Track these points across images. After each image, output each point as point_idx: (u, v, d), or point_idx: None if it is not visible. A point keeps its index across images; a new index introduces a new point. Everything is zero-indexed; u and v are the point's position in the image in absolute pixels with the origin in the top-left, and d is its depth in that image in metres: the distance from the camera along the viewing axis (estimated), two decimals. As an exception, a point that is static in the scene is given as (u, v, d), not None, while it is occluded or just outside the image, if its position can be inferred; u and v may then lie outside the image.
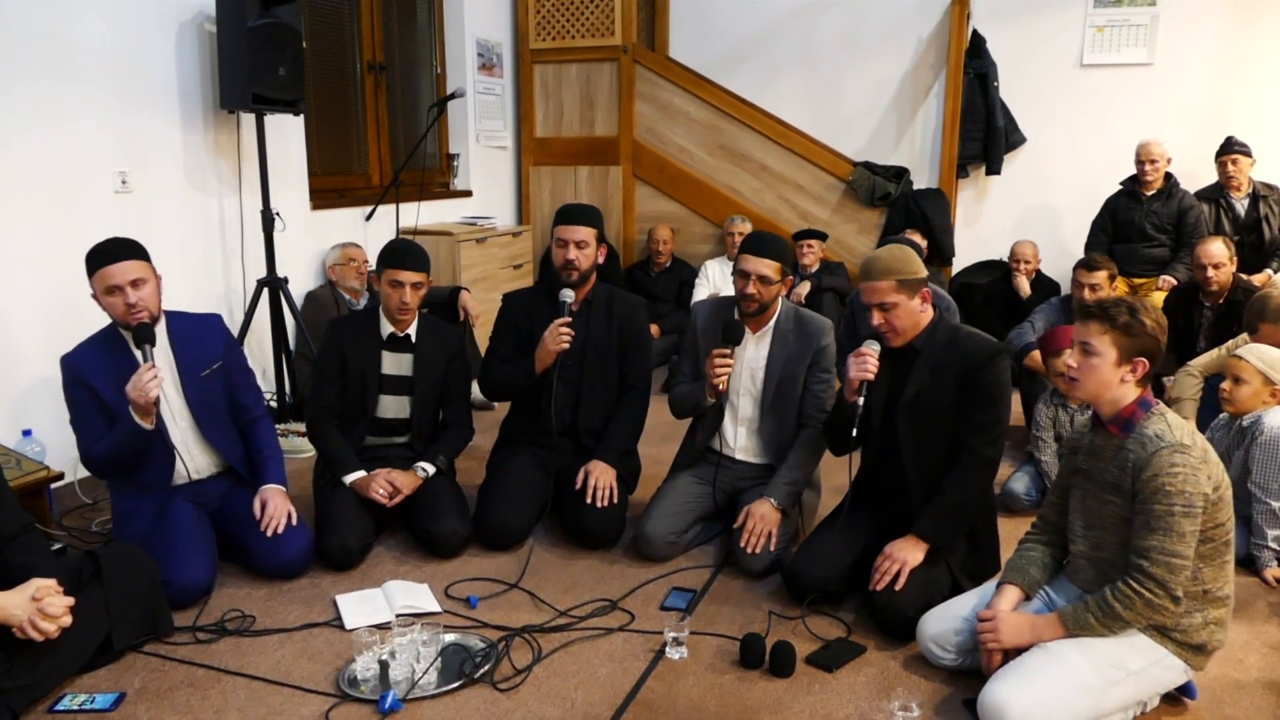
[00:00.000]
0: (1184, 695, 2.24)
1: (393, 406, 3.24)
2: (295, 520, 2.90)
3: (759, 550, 2.87)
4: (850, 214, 6.12)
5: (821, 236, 5.80)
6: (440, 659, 2.36)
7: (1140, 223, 5.33)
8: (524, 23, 6.36)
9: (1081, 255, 4.60)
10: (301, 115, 4.41)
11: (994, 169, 6.26)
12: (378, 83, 5.41)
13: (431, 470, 3.16)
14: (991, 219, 6.43)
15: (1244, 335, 3.63)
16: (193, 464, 2.90)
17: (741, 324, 2.97)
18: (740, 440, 3.12)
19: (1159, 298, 4.89)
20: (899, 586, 2.51)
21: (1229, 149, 5.29)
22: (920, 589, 2.51)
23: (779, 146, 6.18)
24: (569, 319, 3.10)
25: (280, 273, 4.18)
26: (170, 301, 2.98)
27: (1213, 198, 5.37)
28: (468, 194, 6.08)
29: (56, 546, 3.00)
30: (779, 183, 6.22)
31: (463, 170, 6.11)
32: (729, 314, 3.06)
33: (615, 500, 3.10)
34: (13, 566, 2.22)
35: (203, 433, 2.91)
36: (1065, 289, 4.83)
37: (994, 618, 2.23)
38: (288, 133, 4.52)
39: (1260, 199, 5.27)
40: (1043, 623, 2.18)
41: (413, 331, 3.22)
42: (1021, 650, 2.17)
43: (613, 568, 3.00)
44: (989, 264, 6.19)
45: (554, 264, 3.19)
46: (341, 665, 2.38)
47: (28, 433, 3.36)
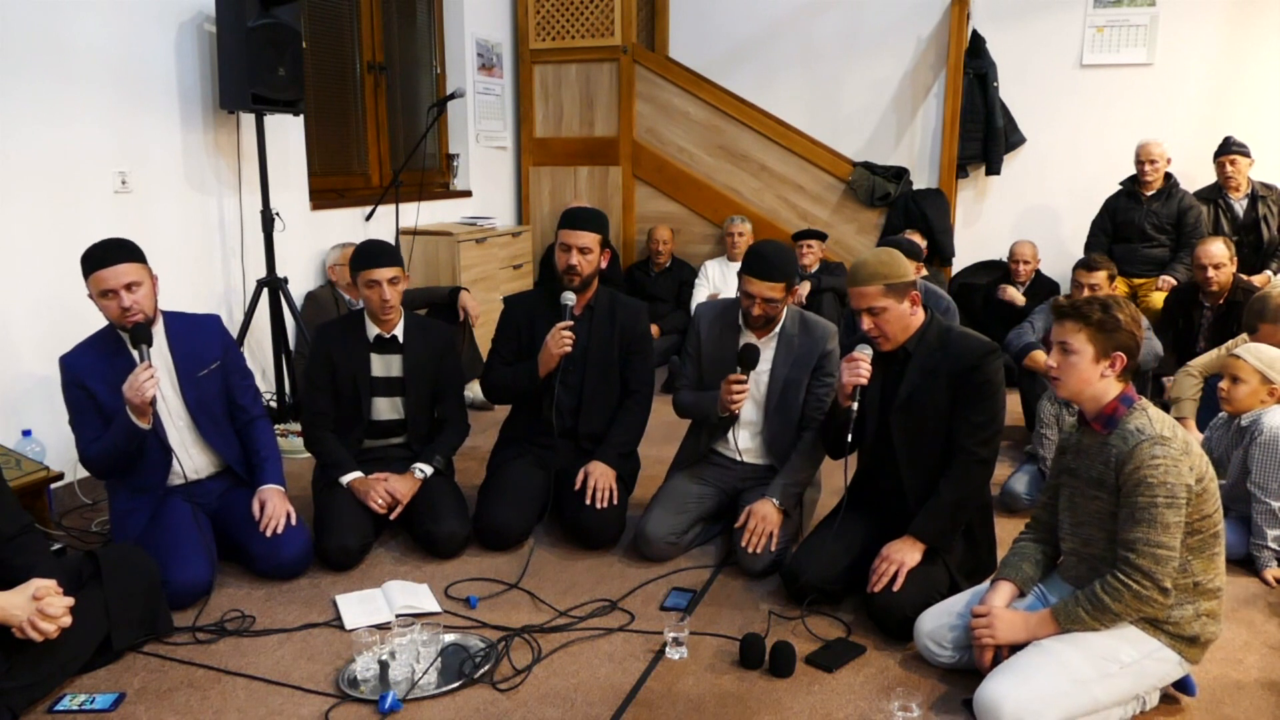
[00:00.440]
0: (1183, 691, 2.24)
1: (386, 408, 3.24)
2: (294, 520, 2.90)
3: (760, 550, 2.87)
4: (850, 214, 6.13)
5: (821, 237, 5.80)
6: (440, 659, 2.36)
7: (1140, 223, 5.33)
8: (524, 23, 6.36)
9: (1081, 255, 4.61)
10: (301, 115, 4.41)
11: (994, 169, 6.27)
12: (377, 83, 5.41)
13: (429, 471, 3.16)
14: (991, 219, 6.43)
15: (1244, 335, 3.64)
16: (190, 464, 2.90)
17: (757, 350, 2.96)
18: (743, 442, 3.12)
19: (1159, 298, 4.90)
20: (897, 587, 2.51)
21: (1227, 149, 5.30)
22: (918, 589, 2.51)
23: (779, 147, 6.18)
24: (571, 322, 3.10)
25: (280, 273, 4.18)
26: (170, 301, 2.98)
27: (1211, 198, 5.37)
28: (467, 194, 6.08)
29: (56, 547, 3.00)
30: (779, 183, 6.22)
31: (462, 170, 6.11)
32: (733, 318, 3.06)
33: (615, 501, 3.10)
34: (12, 567, 2.22)
35: (200, 433, 2.91)
36: (1065, 289, 4.83)
37: (989, 613, 2.24)
38: (287, 133, 4.52)
39: (1259, 199, 5.27)
40: (1036, 619, 2.20)
41: (399, 332, 3.21)
42: (1018, 647, 2.19)
43: (613, 568, 3.00)
44: (989, 264, 6.19)
45: (556, 267, 3.19)
46: (341, 665, 2.38)
47: (27, 433, 3.36)
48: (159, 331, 2.82)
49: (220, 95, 4.04)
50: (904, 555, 2.54)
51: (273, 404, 4.19)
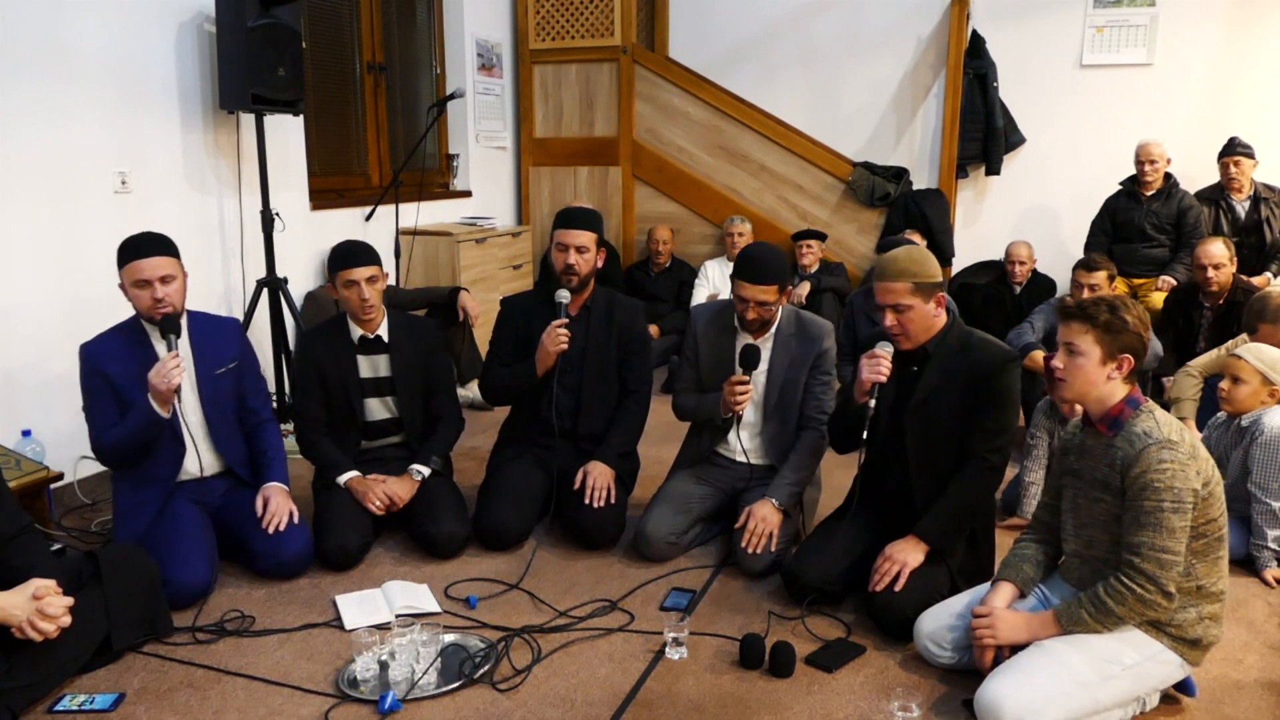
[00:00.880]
0: (1183, 692, 2.24)
1: (379, 409, 3.24)
2: (296, 519, 2.91)
3: (760, 551, 2.87)
4: (850, 214, 6.12)
5: (821, 237, 5.80)
6: (440, 659, 2.36)
7: (1140, 223, 5.32)
8: (523, 23, 6.36)
9: (1081, 255, 4.60)
10: (301, 115, 4.41)
11: (993, 169, 6.26)
12: (377, 83, 5.41)
13: (427, 472, 3.16)
14: (991, 219, 6.43)
15: (1243, 335, 3.64)
16: (200, 459, 2.93)
17: (757, 350, 2.97)
18: (744, 443, 3.11)
19: (1159, 298, 4.90)
20: (899, 587, 2.51)
21: (1232, 150, 5.28)
22: (919, 590, 2.51)
23: (778, 147, 6.18)
24: (566, 320, 3.10)
25: (280, 273, 4.18)
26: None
27: (1213, 199, 5.36)
28: (467, 194, 6.08)
29: (56, 547, 3.00)
30: (778, 183, 6.22)
31: (462, 170, 6.11)
32: (729, 320, 3.06)
33: (613, 500, 3.10)
34: (12, 567, 2.22)
35: (210, 431, 2.94)
36: (1065, 289, 4.83)
37: (990, 613, 2.23)
38: (287, 133, 4.52)
39: (1261, 201, 5.26)
40: (1038, 620, 2.19)
41: (384, 332, 3.20)
42: (1018, 648, 2.18)
43: (613, 568, 2.99)
44: (988, 264, 6.19)
45: (553, 268, 3.18)
46: (341, 666, 2.38)
47: (27, 433, 3.36)
48: (182, 326, 2.86)
49: (220, 95, 4.04)
50: (907, 555, 2.54)
51: (273, 404, 4.18)
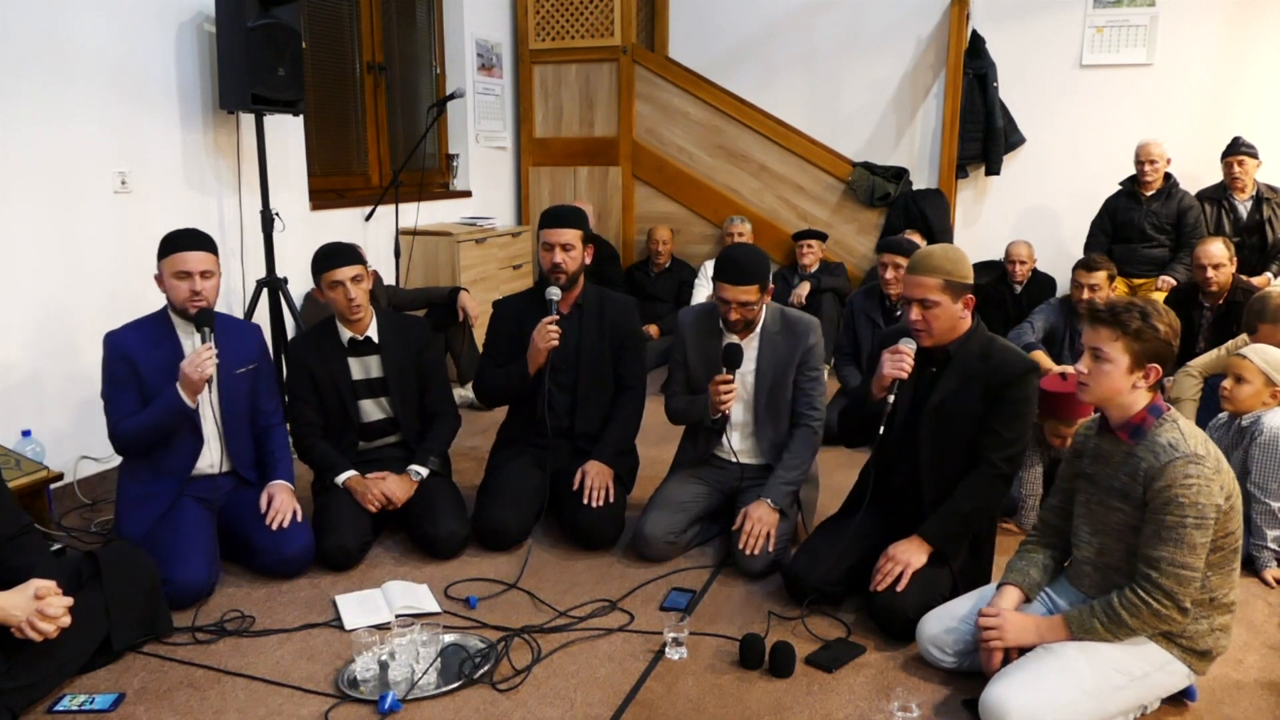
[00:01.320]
0: (1184, 698, 2.23)
1: (373, 410, 3.24)
2: (300, 517, 2.92)
3: (758, 552, 2.87)
4: (850, 214, 6.12)
5: (822, 237, 5.81)
6: (440, 659, 2.36)
7: (1139, 223, 5.32)
8: (523, 23, 6.36)
9: (1081, 255, 4.60)
10: (301, 115, 4.41)
11: (993, 169, 6.27)
12: (377, 83, 5.41)
13: (425, 472, 3.16)
14: (991, 219, 6.43)
15: (1243, 336, 3.64)
16: (213, 455, 2.96)
17: (739, 347, 2.97)
18: (737, 443, 3.12)
19: (1158, 298, 4.90)
20: (901, 588, 2.50)
21: (1235, 150, 5.27)
22: (921, 591, 2.51)
23: (778, 147, 6.18)
24: (556, 316, 3.11)
25: (280, 273, 4.18)
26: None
27: (1215, 198, 5.36)
28: (467, 194, 6.08)
29: (55, 547, 3.00)
30: (778, 183, 6.22)
31: (462, 171, 6.11)
32: (715, 322, 3.06)
33: (611, 499, 3.10)
34: (12, 567, 2.22)
35: (224, 428, 2.96)
36: (1065, 289, 4.83)
37: (998, 614, 2.22)
38: (287, 133, 4.52)
39: (1264, 201, 5.26)
40: (1046, 624, 2.18)
41: (373, 332, 3.20)
42: (1023, 651, 2.17)
43: (612, 568, 2.99)
44: (988, 264, 6.18)
45: (541, 268, 3.20)
46: (341, 666, 2.38)
47: (27, 433, 3.36)
48: None
49: (220, 95, 4.04)
50: (910, 556, 2.53)
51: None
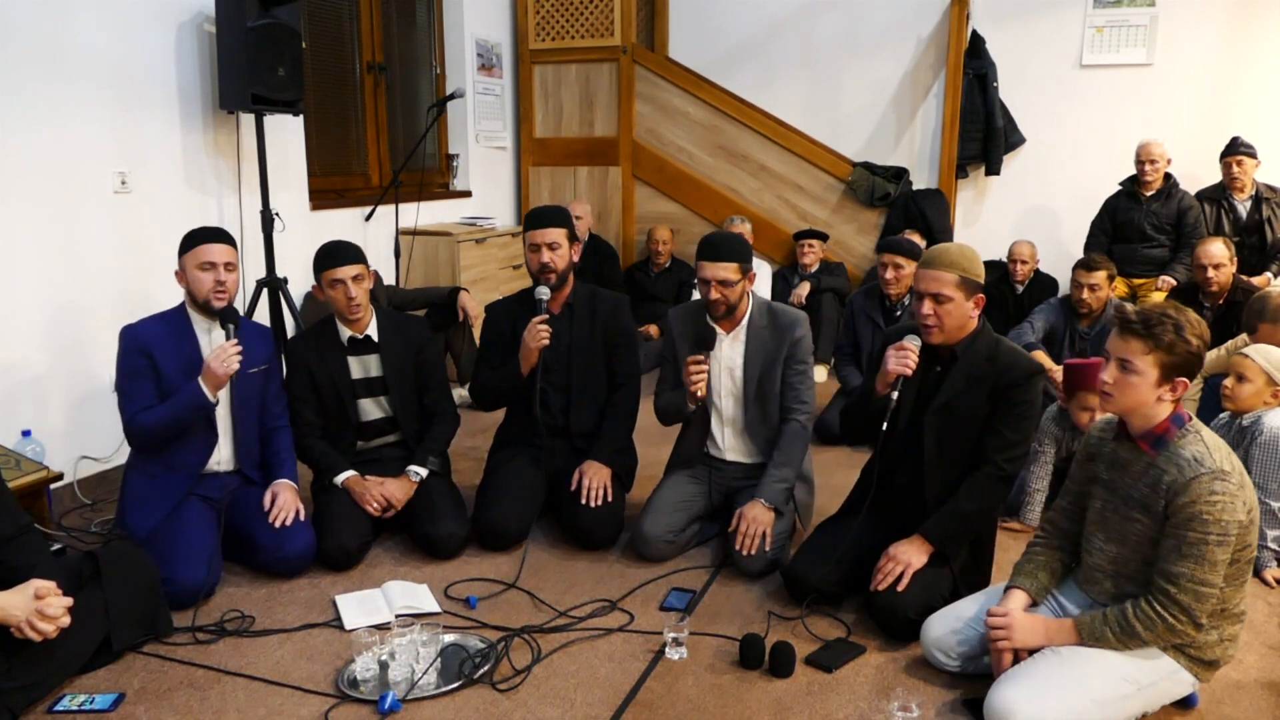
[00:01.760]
0: (1186, 704, 2.22)
1: (373, 409, 3.24)
2: (303, 517, 2.93)
3: (754, 552, 2.87)
4: (850, 214, 6.12)
5: (823, 237, 5.81)
6: (440, 659, 2.36)
7: (1139, 223, 5.33)
8: (523, 23, 6.36)
9: (1080, 256, 4.60)
10: (301, 115, 4.41)
11: (993, 169, 6.27)
12: (377, 83, 5.41)
13: (424, 473, 3.16)
14: (991, 219, 6.43)
15: (1244, 335, 3.64)
16: (222, 453, 2.97)
17: (713, 330, 2.98)
18: (728, 441, 3.13)
19: (1159, 298, 4.90)
20: (902, 587, 2.50)
21: (1234, 150, 5.27)
22: (921, 591, 2.51)
23: (778, 147, 6.18)
24: (546, 316, 3.12)
25: (280, 273, 4.17)
26: (169, 301, 3.01)
27: (1215, 198, 5.36)
28: (467, 194, 6.08)
29: (55, 547, 3.00)
30: (778, 183, 6.22)
31: (462, 171, 6.11)
32: (701, 318, 3.06)
33: (610, 499, 3.10)
34: (12, 567, 2.22)
35: (235, 426, 2.97)
36: (1065, 289, 4.82)
37: (1006, 614, 2.21)
38: (287, 133, 4.51)
39: (1263, 201, 5.26)
40: (1055, 626, 2.17)
41: (373, 331, 3.20)
42: (1030, 652, 2.16)
43: (612, 568, 2.99)
44: (988, 264, 6.16)
45: (530, 269, 3.21)
46: (341, 666, 2.38)
47: (27, 433, 3.36)
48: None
49: (220, 95, 4.04)
50: (910, 556, 2.53)
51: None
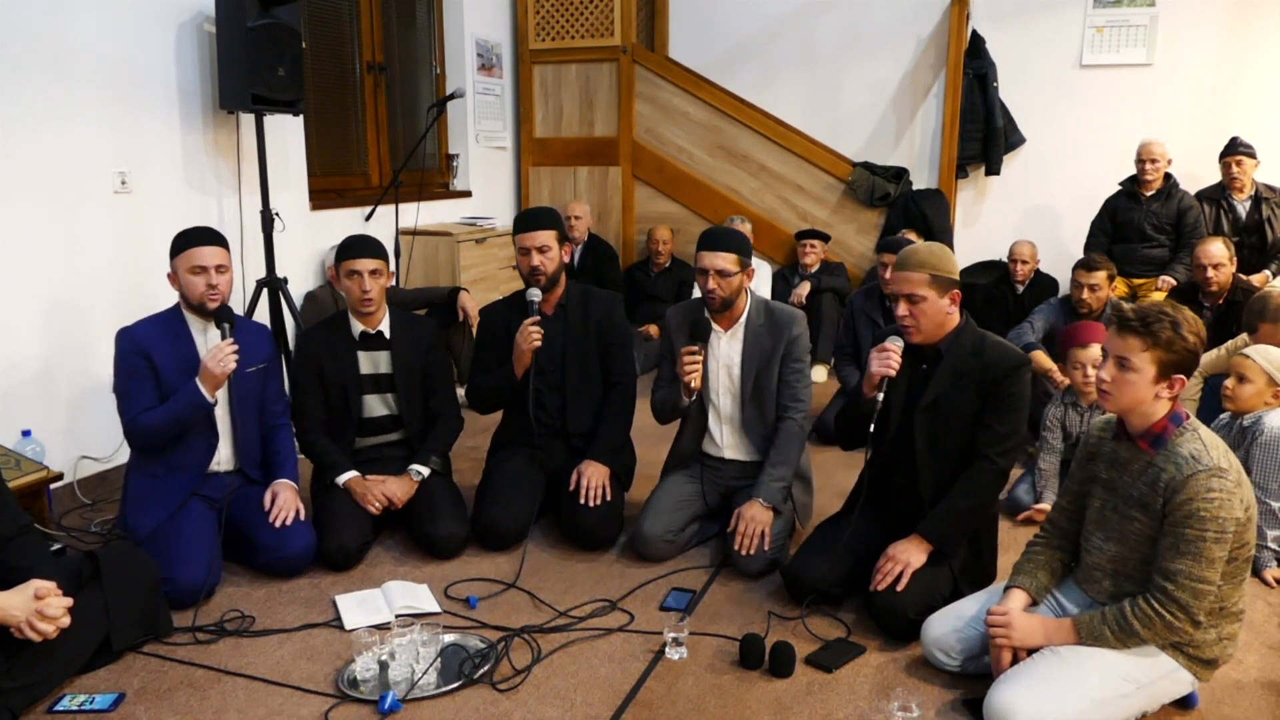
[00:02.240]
0: (1186, 704, 2.22)
1: (378, 405, 3.25)
2: (303, 516, 2.94)
3: (753, 552, 2.87)
4: (850, 214, 6.12)
5: (825, 238, 5.81)
6: (440, 659, 2.36)
7: (1139, 223, 5.32)
8: (523, 23, 6.36)
9: (1081, 256, 4.60)
10: (301, 115, 4.41)
11: (993, 169, 6.26)
12: (377, 83, 5.41)
13: (425, 473, 3.16)
14: (991, 219, 6.43)
15: (1244, 335, 3.64)
16: (223, 452, 2.97)
17: (707, 322, 2.98)
18: (726, 439, 3.13)
19: (1159, 298, 4.90)
20: (901, 587, 2.50)
21: (1234, 150, 5.27)
22: (921, 590, 2.51)
23: (778, 147, 6.17)
24: (538, 317, 3.12)
25: (279, 273, 4.17)
26: (169, 301, 3.00)
27: (1214, 198, 5.36)
28: (467, 194, 6.08)
29: (56, 547, 3.00)
30: (778, 183, 6.22)
31: (462, 171, 6.11)
32: (698, 314, 3.07)
33: (608, 498, 3.10)
34: (11, 567, 2.22)
35: (234, 425, 2.97)
36: (1065, 289, 4.82)
37: (1006, 613, 2.21)
38: (287, 133, 4.51)
39: (1263, 201, 5.25)
40: (1055, 626, 2.17)
41: (385, 328, 3.21)
42: (1030, 652, 2.16)
43: (612, 568, 2.99)
44: (988, 264, 6.19)
45: (521, 272, 3.21)
46: (341, 666, 2.39)
47: (27, 433, 3.36)
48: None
49: (220, 95, 4.04)
50: (909, 556, 2.53)
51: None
